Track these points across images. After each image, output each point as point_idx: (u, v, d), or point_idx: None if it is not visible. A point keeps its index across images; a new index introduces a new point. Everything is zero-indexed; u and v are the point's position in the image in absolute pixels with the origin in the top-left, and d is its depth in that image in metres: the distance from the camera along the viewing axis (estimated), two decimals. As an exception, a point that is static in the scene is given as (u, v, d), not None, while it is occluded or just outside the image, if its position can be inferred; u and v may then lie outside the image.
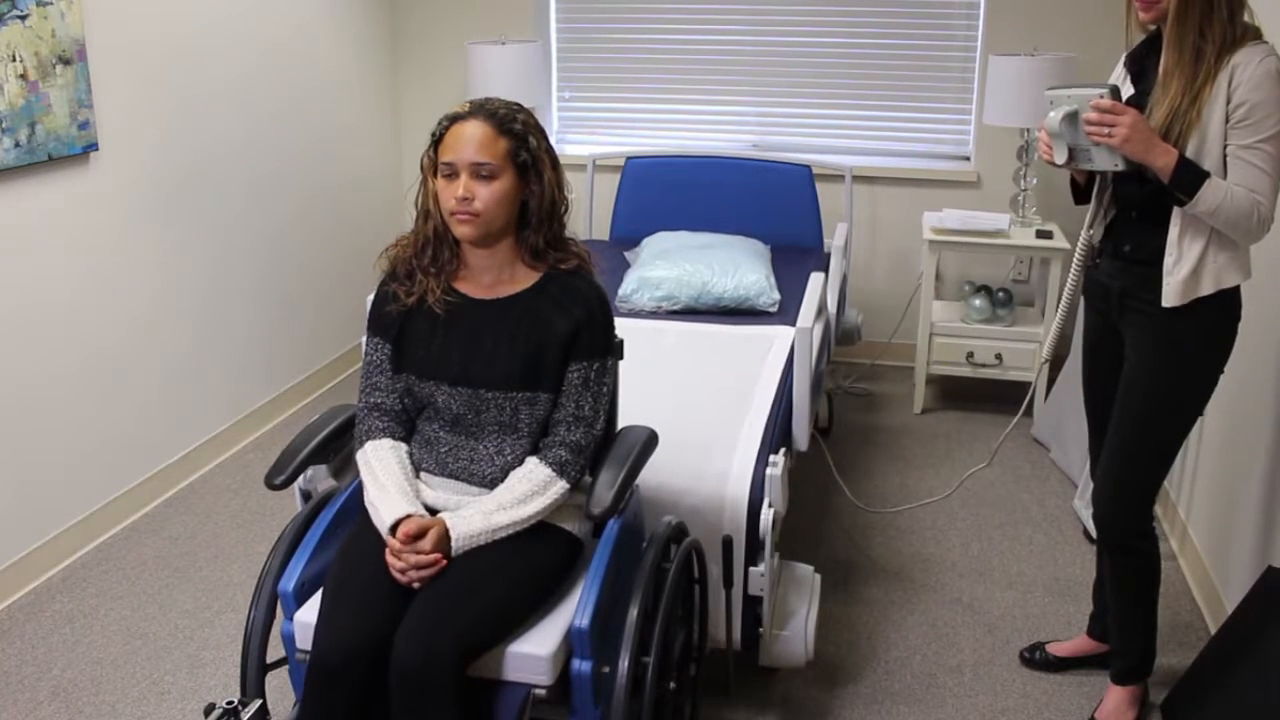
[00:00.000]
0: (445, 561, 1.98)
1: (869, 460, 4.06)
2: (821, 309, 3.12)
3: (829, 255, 4.14)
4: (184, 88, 3.72)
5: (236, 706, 1.95)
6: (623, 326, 2.32)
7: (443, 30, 5.10)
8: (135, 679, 2.82)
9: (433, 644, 1.87)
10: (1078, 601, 3.11)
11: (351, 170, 4.85)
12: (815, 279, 3.11)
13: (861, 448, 4.17)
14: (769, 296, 3.65)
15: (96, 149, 3.31)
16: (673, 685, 2.22)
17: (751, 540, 2.54)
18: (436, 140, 2.09)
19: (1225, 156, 2.17)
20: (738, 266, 3.71)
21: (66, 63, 3.15)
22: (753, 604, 2.58)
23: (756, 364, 3.15)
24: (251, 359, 4.22)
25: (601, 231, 4.61)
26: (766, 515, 2.52)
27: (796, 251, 4.30)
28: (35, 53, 3.04)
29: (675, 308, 3.67)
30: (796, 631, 2.64)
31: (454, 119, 2.08)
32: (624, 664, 1.99)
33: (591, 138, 5.25)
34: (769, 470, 2.59)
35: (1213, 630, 2.90)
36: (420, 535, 1.97)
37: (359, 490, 2.18)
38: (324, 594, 2.03)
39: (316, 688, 1.93)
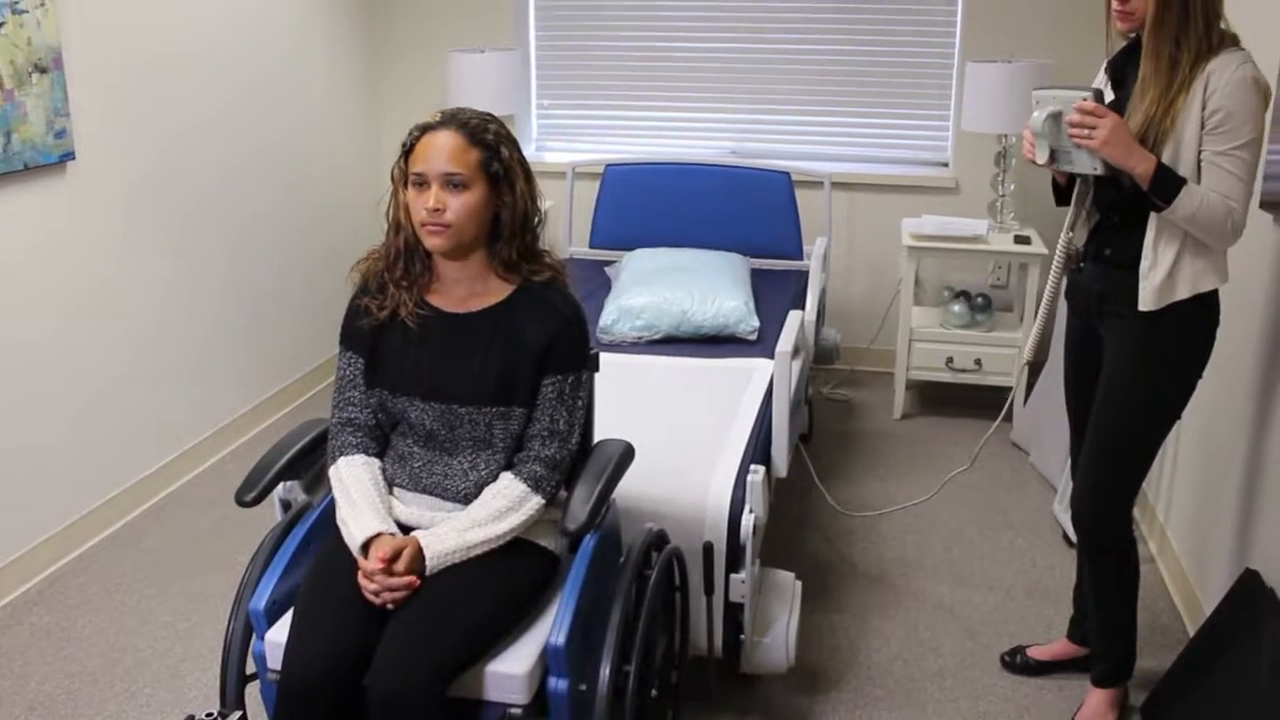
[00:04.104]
0: (419, 582, 1.97)
1: (849, 466, 4.07)
2: (799, 349, 3.13)
3: (808, 265, 4.16)
4: (161, 97, 3.71)
5: (217, 718, 1.94)
6: (604, 361, 2.32)
7: (422, 39, 5.09)
8: (114, 691, 2.80)
9: (412, 670, 1.85)
10: (1058, 605, 3.12)
11: (331, 180, 4.84)
12: (793, 317, 3.11)
13: (842, 454, 4.17)
14: (748, 324, 3.66)
15: (73, 158, 3.30)
16: (654, 693, 2.21)
17: (732, 547, 2.54)
18: (407, 150, 2.07)
19: (1200, 162, 2.20)
20: (717, 293, 3.71)
21: (43, 71, 3.14)
22: (734, 611, 2.58)
23: (736, 395, 3.16)
24: (229, 369, 4.20)
25: (582, 239, 4.61)
26: (747, 522, 2.53)
27: (776, 260, 4.33)
28: (11, 61, 3.03)
29: (656, 337, 3.67)
30: (778, 638, 2.64)
31: (425, 129, 2.06)
32: (605, 672, 1.99)
33: (571, 145, 5.26)
34: (750, 477, 2.59)
35: (1191, 632, 2.92)
36: (394, 557, 1.95)
37: (332, 506, 2.16)
38: (295, 614, 2.01)
39: (287, 709, 1.91)
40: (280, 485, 2.28)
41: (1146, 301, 2.28)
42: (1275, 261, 2.63)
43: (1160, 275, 2.26)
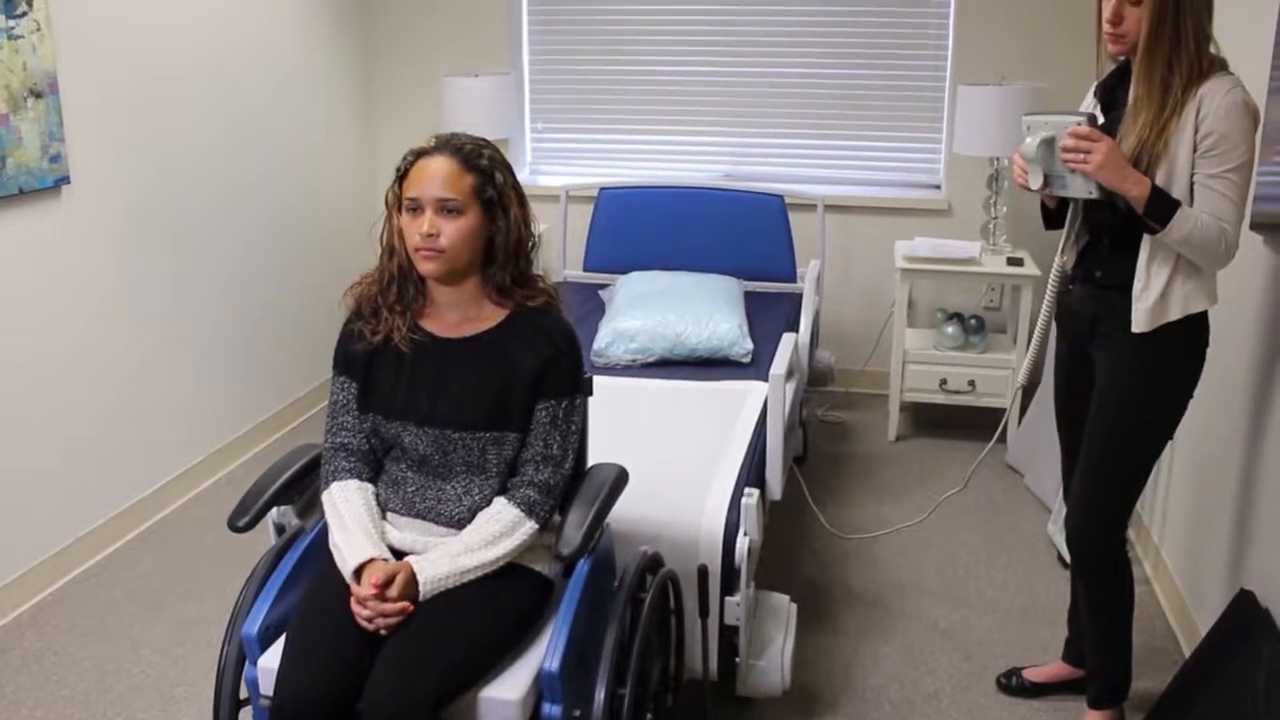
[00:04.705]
0: (412, 608, 1.96)
1: (844, 488, 4.07)
2: (793, 371, 3.13)
3: (802, 288, 4.17)
4: (157, 121, 3.72)
5: (209, 744, 1.93)
6: (598, 384, 2.32)
7: (417, 64, 5.12)
8: (106, 717, 2.78)
9: (405, 697, 1.84)
10: (1053, 627, 3.11)
11: (325, 205, 4.85)
12: (786, 340, 3.12)
13: (836, 476, 4.17)
14: (742, 346, 3.67)
15: (68, 182, 3.30)
16: (649, 717, 2.21)
17: (727, 570, 2.54)
18: (401, 175, 2.08)
19: (1192, 184, 2.21)
20: (711, 315, 3.72)
21: (38, 96, 3.15)
22: (729, 634, 2.58)
23: (730, 418, 3.16)
24: (224, 393, 4.19)
25: (576, 262, 4.62)
26: (742, 545, 2.53)
27: (770, 283, 4.34)
28: (6, 85, 3.03)
29: (650, 360, 3.68)
30: (773, 661, 2.64)
31: (419, 154, 2.06)
32: (600, 696, 1.98)
33: (565, 169, 5.27)
34: (744, 500, 2.59)
35: (1187, 654, 2.92)
36: (387, 583, 1.94)
37: (325, 531, 2.15)
38: (287, 639, 1.99)
39: None
40: (274, 510, 2.28)
41: (1140, 323, 2.29)
42: (1266, 282, 2.64)
43: (1153, 297, 2.27)
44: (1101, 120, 2.36)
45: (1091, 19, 2.32)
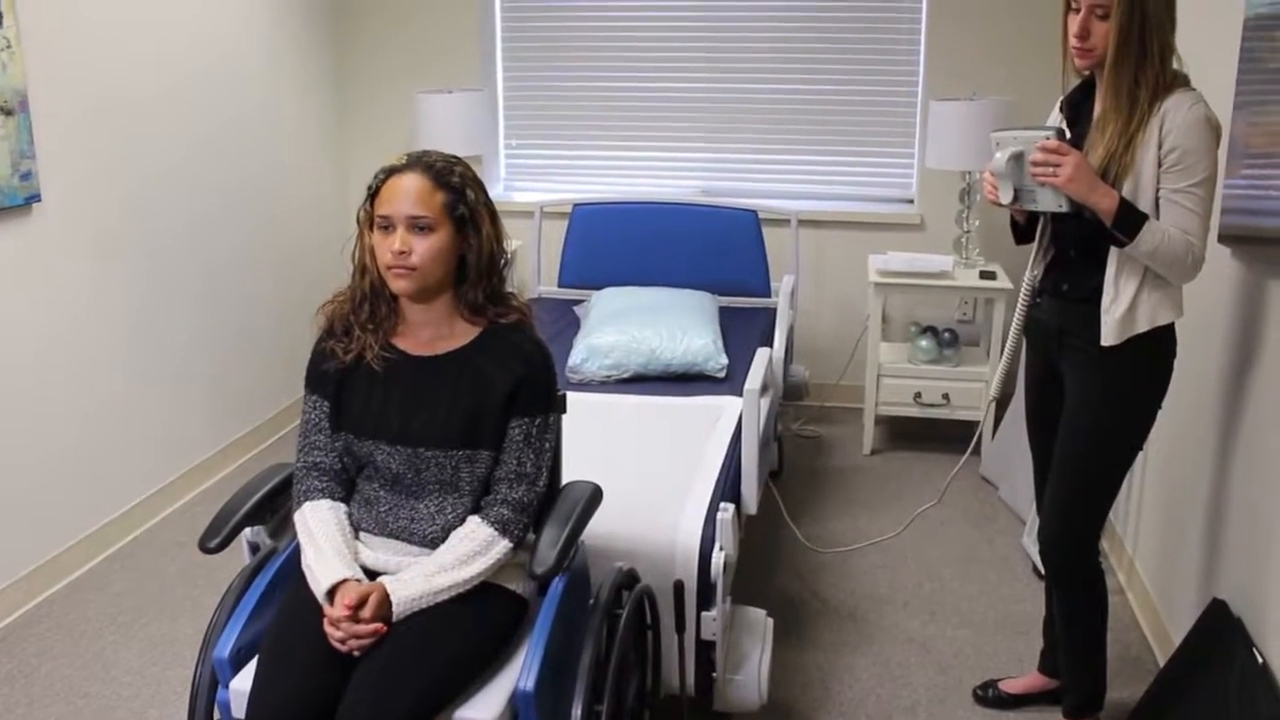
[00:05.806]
0: (385, 628, 1.94)
1: (819, 502, 4.08)
2: (768, 386, 3.14)
3: (776, 303, 4.18)
4: (129, 139, 3.70)
5: (181, 768, 1.91)
6: (573, 400, 2.32)
7: (390, 80, 5.12)
8: (77, 741, 2.76)
9: (378, 718, 1.83)
10: (1029, 638, 3.13)
11: (298, 223, 4.84)
12: (761, 355, 3.13)
13: (812, 490, 4.18)
14: (716, 361, 3.67)
15: (39, 200, 3.28)
16: (626, 733, 2.20)
17: (703, 585, 2.53)
18: (372, 193, 2.07)
19: (1158, 198, 2.24)
20: (685, 330, 3.73)
21: (8, 114, 3.13)
22: (706, 649, 2.57)
23: (705, 433, 3.17)
24: (196, 412, 4.17)
25: (550, 278, 4.62)
26: (718, 559, 2.53)
27: (745, 298, 4.35)
28: (-26, 106, 3.02)
29: (625, 376, 3.68)
30: (750, 675, 2.63)
31: (390, 172, 2.06)
32: (576, 712, 1.97)
33: (539, 185, 5.28)
34: (720, 515, 2.59)
35: (1161, 663, 2.93)
36: (360, 604, 1.92)
37: (298, 551, 2.12)
38: (259, 662, 1.98)
39: None
40: (248, 529, 2.26)
41: (1109, 336, 2.31)
42: (1234, 293, 2.67)
43: (1121, 309, 2.29)
44: (1068, 135, 2.38)
45: (1058, 35, 2.35)
